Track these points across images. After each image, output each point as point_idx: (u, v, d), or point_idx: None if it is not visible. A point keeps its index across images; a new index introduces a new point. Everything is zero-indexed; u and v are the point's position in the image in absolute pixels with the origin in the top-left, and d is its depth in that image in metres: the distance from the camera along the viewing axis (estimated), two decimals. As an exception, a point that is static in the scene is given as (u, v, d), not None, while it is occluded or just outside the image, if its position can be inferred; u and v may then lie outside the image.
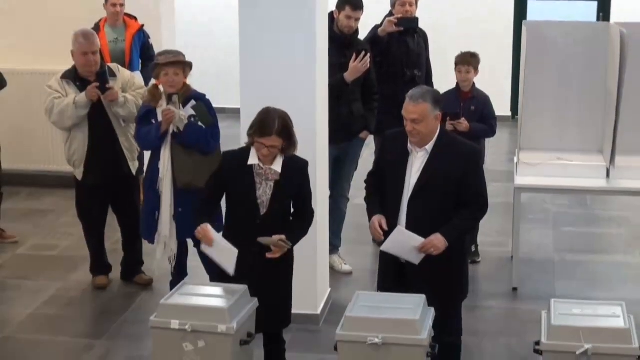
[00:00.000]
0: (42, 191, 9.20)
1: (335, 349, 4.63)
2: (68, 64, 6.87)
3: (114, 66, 6.97)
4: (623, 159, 6.98)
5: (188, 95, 6.23)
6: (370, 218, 5.15)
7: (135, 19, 8.72)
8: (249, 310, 4.91)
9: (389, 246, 5.06)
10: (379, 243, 5.32)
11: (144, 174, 6.54)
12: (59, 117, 6.70)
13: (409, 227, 5.02)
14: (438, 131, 5.06)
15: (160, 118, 6.19)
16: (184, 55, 6.24)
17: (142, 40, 8.67)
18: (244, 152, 5.17)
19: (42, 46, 9.06)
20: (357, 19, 7.14)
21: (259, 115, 5.09)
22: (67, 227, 7.23)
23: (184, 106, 6.17)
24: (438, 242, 4.98)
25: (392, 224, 5.05)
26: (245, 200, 5.10)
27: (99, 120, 6.73)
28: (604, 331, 4.55)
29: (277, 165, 5.10)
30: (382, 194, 5.17)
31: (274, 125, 5.01)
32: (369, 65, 7.02)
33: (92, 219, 7.08)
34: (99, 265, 7.17)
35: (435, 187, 4.98)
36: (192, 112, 6.15)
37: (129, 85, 6.85)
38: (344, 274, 7.20)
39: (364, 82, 7.12)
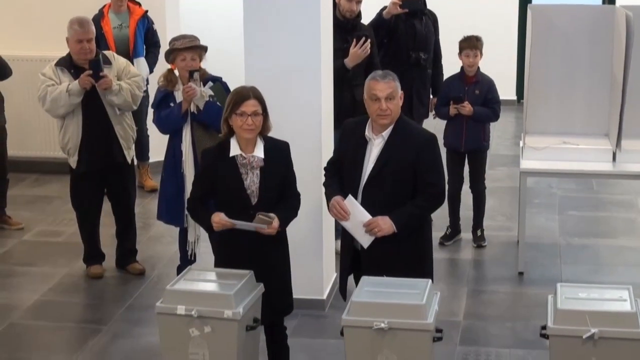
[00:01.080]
0: (47, 178, 9.21)
1: (341, 334, 4.63)
2: (66, 50, 6.85)
3: (109, 54, 6.94)
4: (629, 142, 6.96)
5: (205, 77, 6.29)
6: (328, 201, 5.10)
7: (139, 4, 8.70)
8: (255, 296, 4.91)
9: (345, 222, 5.03)
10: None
11: (164, 158, 6.52)
12: (52, 104, 6.67)
13: None
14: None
15: (178, 100, 6.25)
16: (199, 40, 6.26)
17: (146, 25, 8.64)
18: (223, 146, 5.08)
19: (45, 32, 9.04)
20: (359, 2, 7.10)
21: (230, 94, 5.06)
22: (72, 213, 7.22)
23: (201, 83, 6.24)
24: (383, 222, 4.93)
25: None
26: (234, 194, 5.02)
27: (93, 108, 6.70)
28: (610, 315, 4.54)
29: (259, 151, 5.02)
30: (341, 181, 5.12)
31: (248, 90, 5.01)
32: (369, 51, 6.98)
33: (86, 207, 7.04)
34: (93, 254, 7.14)
35: (389, 175, 4.93)
36: (210, 92, 6.22)
37: (124, 73, 6.81)
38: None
39: (366, 67, 7.07)
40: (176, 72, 6.33)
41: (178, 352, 4.79)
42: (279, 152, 5.09)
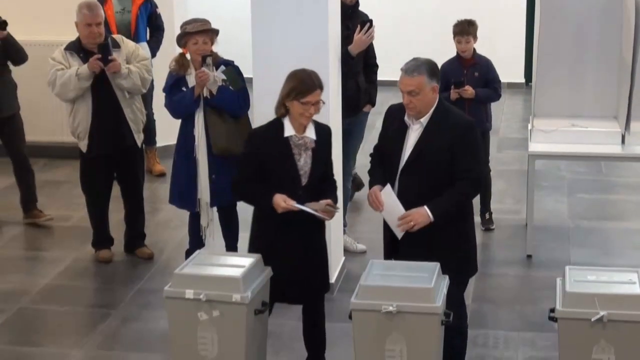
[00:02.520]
0: (56, 162, 9.22)
1: (350, 317, 4.63)
2: (76, 34, 6.85)
3: (118, 37, 6.95)
4: (638, 124, 6.93)
5: (217, 61, 6.28)
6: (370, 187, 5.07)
7: None
8: (263, 279, 4.92)
9: (383, 212, 5.00)
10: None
11: (176, 143, 6.52)
12: (61, 89, 6.68)
13: (400, 202, 4.93)
14: (436, 103, 4.97)
15: (191, 84, 6.24)
16: (210, 23, 6.26)
17: (149, 10, 8.59)
18: (274, 126, 5.04)
19: (54, 16, 9.03)
20: None
21: (293, 78, 4.97)
22: (82, 197, 7.23)
23: (215, 68, 6.23)
24: (419, 216, 4.85)
25: None
26: (286, 174, 5.00)
27: (102, 92, 6.71)
28: (619, 298, 4.54)
29: (311, 133, 5.04)
30: (384, 167, 5.09)
31: (313, 79, 4.96)
32: (374, 37, 6.94)
33: (95, 191, 7.06)
34: (102, 238, 7.16)
35: (426, 162, 4.88)
36: (223, 77, 6.22)
37: (134, 57, 6.82)
38: (359, 253, 7.12)
39: (365, 54, 7.03)
40: (188, 56, 6.31)
41: (187, 335, 4.81)
42: (325, 135, 5.14)
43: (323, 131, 5.14)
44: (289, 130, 5.00)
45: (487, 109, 7.48)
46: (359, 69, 7.02)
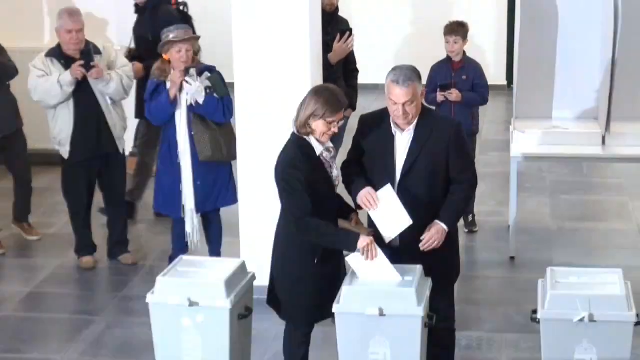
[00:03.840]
0: (38, 169, 9.10)
1: (333, 321, 4.64)
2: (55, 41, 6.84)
3: (99, 44, 6.91)
4: (618, 125, 6.98)
5: (199, 68, 6.29)
6: (354, 195, 4.93)
7: None
8: (246, 284, 4.92)
9: (372, 212, 4.88)
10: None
11: (159, 149, 6.53)
12: (43, 95, 6.68)
13: None
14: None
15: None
16: (192, 29, 6.27)
17: None
18: (303, 148, 4.82)
19: (35, 23, 9.01)
20: None
21: (321, 96, 4.80)
22: (64, 204, 7.22)
23: (198, 77, 6.23)
24: (439, 234, 4.85)
25: None
26: (326, 191, 4.86)
27: (84, 98, 6.71)
28: (601, 298, 4.56)
29: (329, 142, 4.93)
30: (367, 178, 4.97)
31: (342, 98, 4.87)
32: (353, 45, 6.95)
33: (77, 198, 7.04)
34: (84, 245, 7.13)
35: (423, 167, 4.86)
36: (208, 84, 6.21)
37: (115, 63, 6.82)
38: None
39: (345, 59, 7.03)
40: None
41: (171, 341, 4.81)
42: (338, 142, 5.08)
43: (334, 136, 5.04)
44: (317, 147, 4.85)
45: (475, 112, 7.49)
46: (339, 74, 7.04)
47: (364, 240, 4.68)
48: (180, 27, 6.33)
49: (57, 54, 6.74)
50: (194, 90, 6.16)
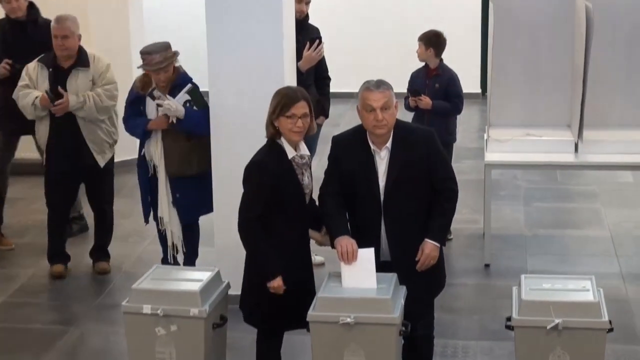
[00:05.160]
0: (11, 179, 9.11)
1: (308, 329, 4.64)
2: None
3: (90, 55, 6.86)
4: (590, 132, 7.02)
5: (179, 80, 6.20)
6: (333, 233, 4.85)
7: None
8: (221, 293, 4.91)
9: (345, 265, 4.75)
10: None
11: (138, 156, 6.51)
12: (22, 108, 6.77)
13: (388, 228, 4.88)
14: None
15: (148, 106, 6.20)
16: (170, 48, 6.13)
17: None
18: (275, 150, 4.85)
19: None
20: (308, 3, 7.11)
21: (276, 95, 4.87)
22: (37, 214, 7.20)
23: (179, 90, 6.16)
24: (432, 252, 4.88)
25: (370, 229, 4.90)
26: (294, 198, 4.85)
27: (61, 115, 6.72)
28: (574, 305, 4.60)
29: (305, 148, 4.93)
30: (348, 205, 4.93)
31: (296, 92, 4.88)
32: (323, 53, 6.96)
33: (54, 206, 7.04)
34: (56, 253, 7.10)
35: (405, 181, 4.85)
36: (188, 97, 6.16)
37: (100, 78, 6.79)
38: (316, 265, 7.10)
39: (316, 67, 7.05)
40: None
41: (145, 351, 4.80)
42: (311, 150, 5.05)
43: (310, 147, 5.08)
44: (290, 151, 4.85)
45: (450, 121, 7.47)
46: (310, 82, 7.04)
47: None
48: (158, 49, 6.12)
49: (48, 60, 6.78)
50: (173, 110, 6.11)
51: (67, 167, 6.85)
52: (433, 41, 7.37)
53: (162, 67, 6.08)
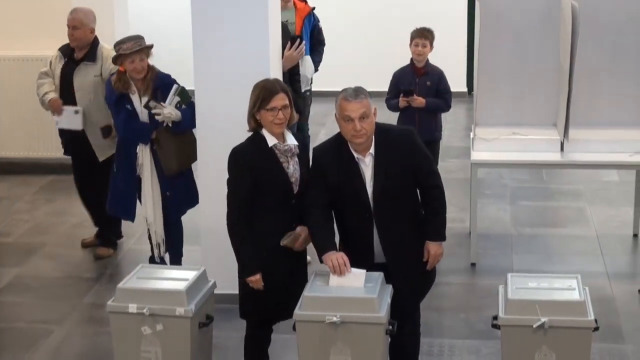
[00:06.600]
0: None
1: (294, 328, 4.63)
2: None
3: (105, 50, 6.91)
4: (576, 131, 7.03)
5: (158, 82, 6.26)
6: (320, 247, 4.83)
7: (306, 1, 8.25)
8: (207, 293, 4.90)
9: (335, 277, 4.76)
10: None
11: (116, 153, 6.55)
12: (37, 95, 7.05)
13: (380, 232, 4.88)
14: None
15: (135, 102, 6.26)
16: (144, 39, 6.24)
17: (312, 23, 8.21)
18: (255, 140, 4.91)
19: (21, 31, 8.93)
20: (287, 2, 7.11)
21: (255, 88, 4.94)
22: (21, 213, 7.16)
23: (162, 92, 6.21)
24: (437, 250, 4.97)
25: (362, 234, 4.91)
26: (279, 184, 4.87)
27: (66, 102, 6.92)
28: (559, 304, 4.60)
29: (292, 139, 4.95)
30: (336, 213, 4.95)
31: (275, 84, 4.93)
32: (304, 53, 6.96)
33: (78, 190, 7.35)
34: (103, 233, 7.35)
35: (393, 183, 4.85)
36: (178, 99, 6.21)
37: (110, 71, 6.77)
38: None
39: (296, 65, 7.03)
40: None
41: (130, 350, 4.78)
42: (300, 140, 5.06)
43: (298, 137, 5.09)
44: (271, 140, 4.89)
45: (437, 118, 7.52)
46: (286, 80, 7.03)
47: (255, 278, 4.78)
48: (132, 38, 6.30)
49: (67, 50, 6.99)
50: (173, 117, 6.15)
51: (74, 154, 7.15)
52: (433, 39, 7.40)
53: (136, 51, 6.14)
